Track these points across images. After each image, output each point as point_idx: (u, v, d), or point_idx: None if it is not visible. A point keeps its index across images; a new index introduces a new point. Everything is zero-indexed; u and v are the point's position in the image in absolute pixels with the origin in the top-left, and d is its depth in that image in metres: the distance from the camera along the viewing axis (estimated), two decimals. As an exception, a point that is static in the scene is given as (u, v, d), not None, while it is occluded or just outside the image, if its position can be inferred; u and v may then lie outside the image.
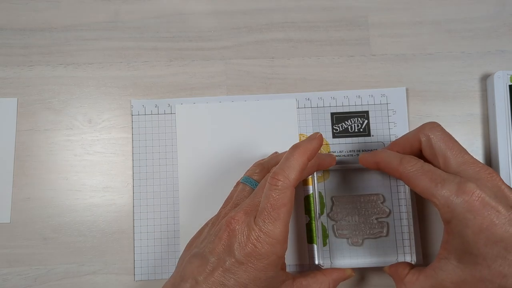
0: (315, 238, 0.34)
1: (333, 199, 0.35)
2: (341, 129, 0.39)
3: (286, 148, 0.38)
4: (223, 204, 0.34)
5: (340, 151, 0.39)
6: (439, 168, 0.30)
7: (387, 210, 0.35)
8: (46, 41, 0.40)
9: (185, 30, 0.41)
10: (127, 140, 0.39)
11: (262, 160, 0.36)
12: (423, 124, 0.32)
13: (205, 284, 0.28)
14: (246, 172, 0.35)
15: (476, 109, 0.40)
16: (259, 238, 0.27)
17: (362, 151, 0.39)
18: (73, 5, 0.41)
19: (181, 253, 0.37)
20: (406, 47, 0.41)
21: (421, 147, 0.32)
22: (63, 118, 0.39)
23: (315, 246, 0.34)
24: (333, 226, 0.34)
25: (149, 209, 0.38)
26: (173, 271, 0.37)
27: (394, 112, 0.39)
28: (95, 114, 0.40)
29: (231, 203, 0.32)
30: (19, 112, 0.39)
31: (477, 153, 0.39)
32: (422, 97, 0.40)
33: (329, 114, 0.39)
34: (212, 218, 0.33)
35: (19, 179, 0.38)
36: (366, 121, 0.39)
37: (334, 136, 0.39)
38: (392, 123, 0.39)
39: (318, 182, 0.38)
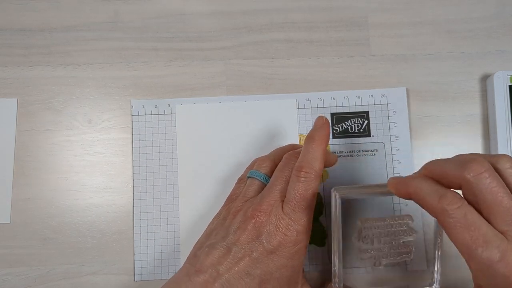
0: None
1: (360, 221, 0.33)
2: (341, 130, 0.39)
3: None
4: (226, 202, 0.34)
5: (340, 152, 0.39)
6: (482, 215, 0.24)
7: (414, 233, 0.32)
8: (46, 41, 0.40)
9: (185, 31, 0.41)
10: (127, 140, 0.39)
11: (263, 156, 0.36)
12: (465, 162, 0.25)
13: (228, 274, 0.28)
14: (249, 168, 0.35)
15: (476, 109, 0.40)
16: (289, 226, 0.29)
17: (362, 151, 0.39)
18: (73, 5, 0.41)
19: (181, 253, 0.37)
20: (406, 47, 0.41)
21: (462, 189, 0.26)
22: (63, 119, 0.39)
23: (337, 266, 0.30)
24: (358, 247, 0.32)
25: (149, 209, 0.38)
26: (173, 271, 0.37)
27: (394, 112, 0.39)
28: (95, 114, 0.40)
29: (241, 197, 0.32)
30: (19, 112, 0.39)
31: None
32: (422, 97, 0.40)
33: (329, 115, 0.39)
34: (217, 214, 0.33)
35: (19, 179, 0.38)
36: (366, 121, 0.39)
37: (334, 137, 0.39)
38: (393, 123, 0.39)
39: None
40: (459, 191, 0.25)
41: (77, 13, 0.41)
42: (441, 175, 0.26)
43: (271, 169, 0.33)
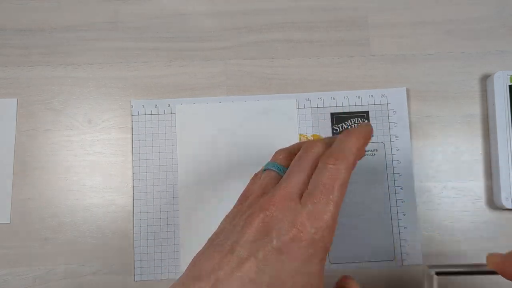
0: None
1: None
2: (341, 130, 0.39)
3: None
4: (239, 200, 0.29)
5: (340, 151, 0.39)
6: None
7: None
8: (46, 42, 0.40)
9: (185, 31, 0.41)
10: (127, 140, 0.39)
11: (282, 148, 0.31)
12: None
13: (228, 281, 0.22)
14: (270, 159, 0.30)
15: (476, 109, 0.40)
16: (305, 221, 0.24)
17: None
18: (73, 5, 0.41)
19: (180, 253, 0.37)
20: (406, 47, 0.41)
21: None
22: (63, 119, 0.39)
23: None
24: None
25: (149, 209, 0.38)
26: (173, 271, 0.37)
27: (394, 112, 0.39)
28: (95, 114, 0.40)
29: (257, 191, 0.27)
30: (19, 112, 0.39)
31: (477, 153, 0.39)
32: (422, 97, 0.40)
33: (329, 115, 0.39)
34: (229, 213, 0.29)
35: (19, 179, 0.38)
36: (366, 121, 0.39)
37: (334, 136, 0.39)
38: (393, 123, 0.39)
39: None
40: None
41: (77, 13, 0.41)
42: None
43: (289, 161, 0.29)
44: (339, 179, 0.25)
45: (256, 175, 0.31)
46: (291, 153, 0.29)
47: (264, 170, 0.29)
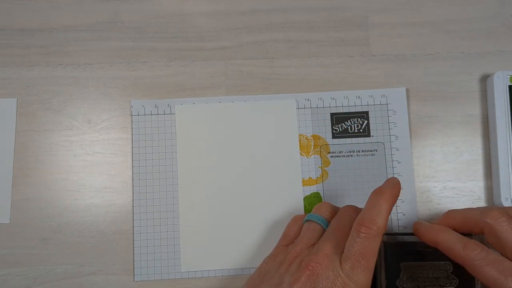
0: None
1: (403, 266, 0.33)
2: (341, 130, 0.39)
3: (286, 148, 0.39)
4: (281, 241, 0.33)
5: (340, 152, 0.39)
6: (507, 257, 0.28)
7: (455, 281, 0.33)
8: (46, 41, 0.40)
9: (185, 31, 0.41)
10: (126, 140, 0.39)
11: (322, 202, 0.35)
12: (485, 210, 0.30)
13: None
14: (313, 210, 0.34)
15: (476, 109, 0.40)
16: (345, 285, 0.27)
17: (362, 151, 0.39)
18: (72, 5, 0.41)
19: (180, 253, 0.37)
20: (406, 47, 0.41)
21: (484, 233, 0.30)
22: (62, 119, 0.39)
23: None
24: None
25: (149, 210, 0.38)
26: (172, 271, 0.37)
27: (394, 113, 0.39)
28: (94, 114, 0.39)
29: (301, 242, 0.31)
30: (19, 112, 0.39)
31: (477, 153, 0.39)
32: (422, 97, 0.40)
33: (329, 115, 0.39)
34: (272, 254, 0.32)
35: (19, 179, 0.38)
36: (366, 121, 0.39)
37: (334, 137, 0.39)
38: (392, 123, 0.39)
39: (317, 184, 0.38)
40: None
41: (77, 13, 0.41)
42: (464, 221, 0.31)
43: (331, 214, 0.32)
44: (371, 247, 0.28)
45: (297, 218, 0.34)
46: (332, 208, 0.33)
47: (307, 220, 0.32)
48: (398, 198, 0.38)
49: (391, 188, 0.30)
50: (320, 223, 0.32)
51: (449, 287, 0.33)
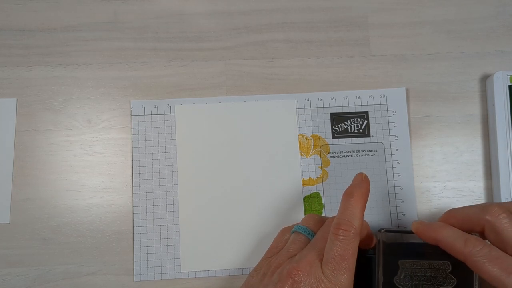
0: None
1: (401, 263, 0.32)
2: (340, 130, 0.39)
3: (286, 148, 0.39)
4: (267, 253, 0.33)
5: (340, 152, 0.39)
6: (508, 254, 0.28)
7: (453, 281, 0.33)
8: (46, 42, 0.40)
9: (185, 31, 0.41)
10: (126, 140, 0.39)
11: (313, 213, 0.35)
12: (485, 207, 0.30)
13: None
14: (301, 221, 0.34)
15: (475, 109, 0.40)
16: (328, 285, 0.27)
17: (362, 151, 0.39)
18: (72, 5, 0.41)
19: (180, 253, 0.37)
20: (406, 48, 0.41)
21: (484, 231, 0.30)
22: (62, 119, 0.39)
23: None
24: None
25: (149, 209, 0.38)
26: (172, 271, 0.37)
27: (394, 113, 0.39)
28: (94, 114, 0.40)
29: (285, 252, 0.31)
30: (19, 112, 0.39)
31: (477, 154, 0.39)
32: (422, 97, 0.40)
33: (329, 115, 0.39)
34: (257, 266, 0.32)
35: (19, 179, 0.38)
36: (365, 121, 0.39)
37: (333, 137, 0.39)
38: (392, 124, 0.39)
39: (317, 184, 0.38)
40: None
41: (76, 13, 0.41)
42: (464, 219, 0.30)
43: (318, 225, 0.33)
44: (349, 248, 0.28)
45: (285, 230, 0.34)
46: (321, 220, 0.33)
47: (294, 231, 0.33)
48: (398, 198, 0.38)
49: (360, 187, 0.30)
50: (306, 234, 0.32)
51: (447, 287, 0.33)
